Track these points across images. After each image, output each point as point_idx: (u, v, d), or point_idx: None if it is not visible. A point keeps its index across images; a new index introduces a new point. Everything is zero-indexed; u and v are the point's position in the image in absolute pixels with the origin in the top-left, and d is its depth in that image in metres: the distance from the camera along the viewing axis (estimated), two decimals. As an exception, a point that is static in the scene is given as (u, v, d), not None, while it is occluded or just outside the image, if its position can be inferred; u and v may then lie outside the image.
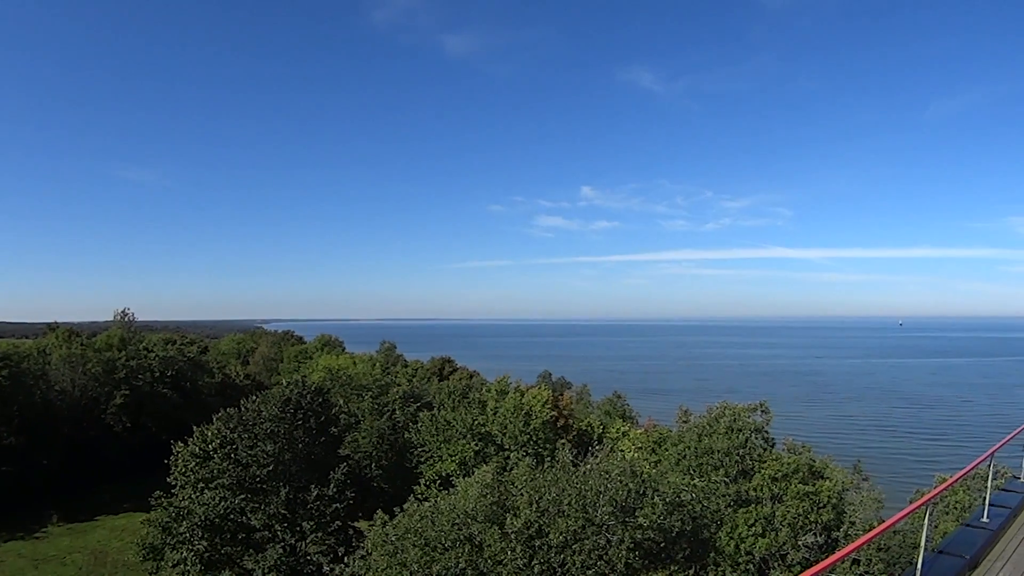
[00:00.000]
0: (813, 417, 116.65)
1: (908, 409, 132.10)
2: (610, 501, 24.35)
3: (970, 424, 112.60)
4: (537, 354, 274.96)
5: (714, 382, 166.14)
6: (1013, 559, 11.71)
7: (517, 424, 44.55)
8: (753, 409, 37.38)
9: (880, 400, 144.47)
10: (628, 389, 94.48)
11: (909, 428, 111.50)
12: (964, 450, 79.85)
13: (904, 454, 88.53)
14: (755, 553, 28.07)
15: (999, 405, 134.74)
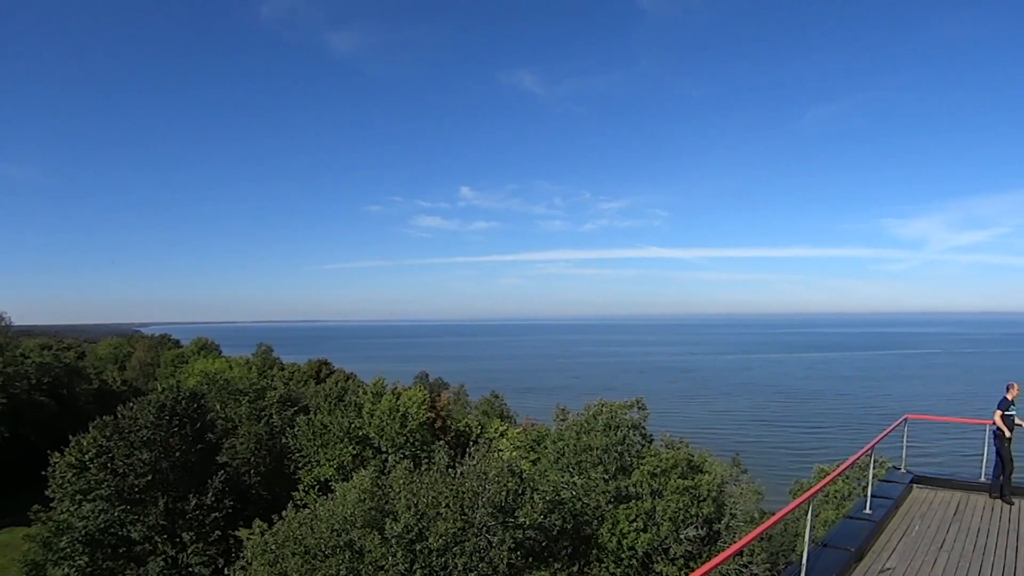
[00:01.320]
0: (690, 412, 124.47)
1: (785, 403, 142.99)
2: (488, 502, 25.73)
3: (846, 416, 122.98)
4: (414, 355, 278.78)
5: (591, 380, 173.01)
6: (899, 549, 13.14)
7: (394, 426, 45.72)
8: (630, 406, 39.35)
9: (757, 394, 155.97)
10: (505, 389, 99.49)
11: (786, 421, 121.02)
12: (841, 441, 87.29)
13: (782, 446, 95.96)
14: (637, 548, 29.81)
15: (873, 397, 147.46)
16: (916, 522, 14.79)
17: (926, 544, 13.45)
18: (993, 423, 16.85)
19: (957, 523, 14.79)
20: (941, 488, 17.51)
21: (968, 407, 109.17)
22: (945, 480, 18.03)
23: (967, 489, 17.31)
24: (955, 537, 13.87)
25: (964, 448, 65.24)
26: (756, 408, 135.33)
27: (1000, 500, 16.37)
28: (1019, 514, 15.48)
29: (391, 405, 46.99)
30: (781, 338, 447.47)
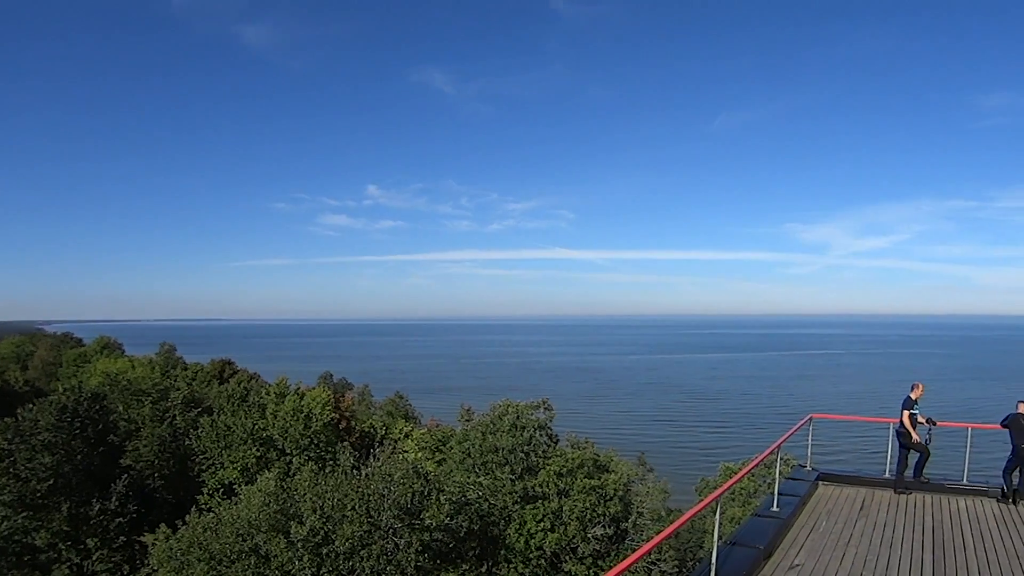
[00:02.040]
0: (596, 413, 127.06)
1: (690, 403, 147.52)
2: (395, 504, 26.08)
3: (751, 415, 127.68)
4: (318, 355, 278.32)
5: (497, 380, 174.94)
6: (807, 546, 13.74)
7: (298, 427, 45.64)
8: (536, 406, 39.97)
9: (662, 394, 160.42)
10: (410, 389, 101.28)
11: (691, 420, 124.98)
12: (746, 440, 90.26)
13: (688, 446, 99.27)
14: (546, 548, 30.56)
15: (778, 397, 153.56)
16: (823, 518, 15.51)
17: (833, 540, 14.08)
18: (899, 421, 17.94)
19: (863, 518, 15.58)
20: (846, 485, 18.46)
21: (870, 406, 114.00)
22: (850, 477, 19.02)
23: (872, 485, 18.32)
24: (862, 532, 14.59)
25: (868, 446, 68.05)
26: (661, 408, 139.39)
27: (904, 495, 17.38)
28: (923, 507, 16.47)
29: (295, 406, 46.90)
30: (686, 339, 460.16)
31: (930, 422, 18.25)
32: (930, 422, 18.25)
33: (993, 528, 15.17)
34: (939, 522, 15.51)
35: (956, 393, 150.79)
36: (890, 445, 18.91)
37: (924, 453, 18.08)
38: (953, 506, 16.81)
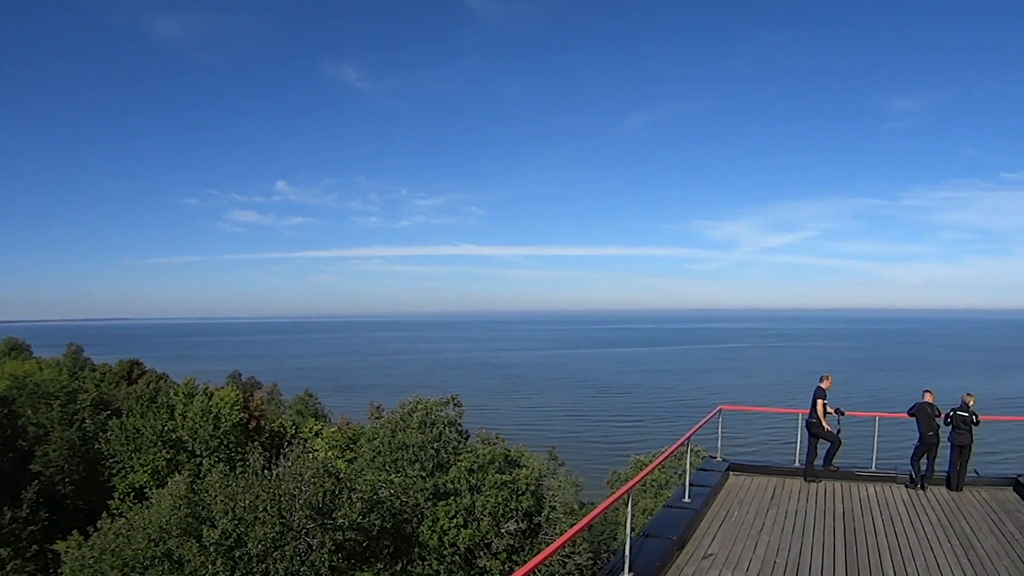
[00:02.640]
0: (506, 408, 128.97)
1: (600, 397, 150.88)
2: (306, 504, 26.14)
3: (661, 408, 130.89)
4: (227, 354, 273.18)
5: (406, 377, 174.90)
6: (719, 536, 14.22)
7: (207, 428, 45.27)
8: (445, 403, 40.42)
9: (572, 389, 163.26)
10: (320, 387, 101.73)
11: (602, 414, 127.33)
12: (657, 433, 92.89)
13: (599, 439, 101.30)
14: (459, 544, 30.81)
15: (688, 390, 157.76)
16: (735, 508, 16.16)
17: (746, 529, 14.67)
18: (809, 412, 18.82)
19: (775, 507, 16.34)
20: (757, 474, 19.27)
21: (779, 398, 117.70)
22: (761, 467, 19.90)
23: (782, 474, 19.19)
24: (773, 520, 15.26)
25: (778, 436, 70.31)
26: (572, 402, 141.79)
27: (814, 483, 18.33)
28: (833, 495, 17.39)
29: (203, 406, 46.41)
30: (596, 334, 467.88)
31: (838, 412, 19.11)
32: (838, 412, 19.11)
33: (903, 513, 16.07)
34: (849, 509, 16.30)
35: (863, 384, 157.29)
36: (799, 435, 19.70)
37: (835, 442, 18.85)
38: (863, 493, 17.70)
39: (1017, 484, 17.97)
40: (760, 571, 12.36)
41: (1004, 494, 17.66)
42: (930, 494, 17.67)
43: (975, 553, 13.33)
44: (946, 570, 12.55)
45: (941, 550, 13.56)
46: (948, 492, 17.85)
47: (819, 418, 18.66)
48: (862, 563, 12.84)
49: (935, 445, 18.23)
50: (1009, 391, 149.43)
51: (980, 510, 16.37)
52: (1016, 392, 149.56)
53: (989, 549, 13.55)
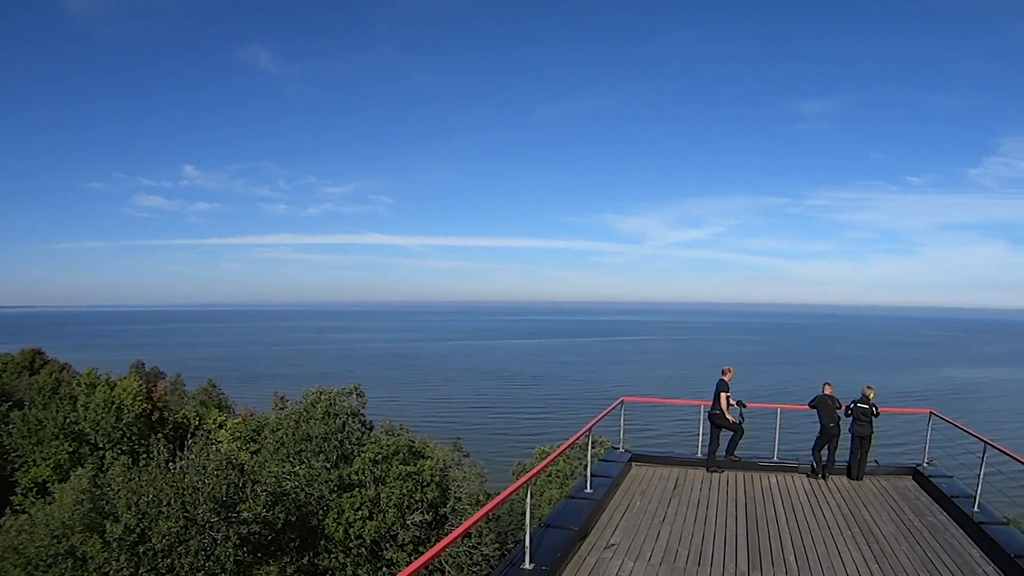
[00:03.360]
0: (412, 399, 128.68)
1: (506, 388, 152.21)
2: (210, 497, 26.28)
3: (567, 399, 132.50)
4: (130, 343, 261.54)
5: (311, 367, 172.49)
6: (621, 526, 14.50)
7: (109, 420, 44.13)
8: (348, 393, 40.66)
9: (478, 380, 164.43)
10: (224, 377, 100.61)
11: (508, 405, 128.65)
12: (562, 424, 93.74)
13: (504, 430, 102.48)
14: (365, 536, 31.21)
15: (594, 382, 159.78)
16: (637, 498, 16.55)
17: (648, 518, 15.03)
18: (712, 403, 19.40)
19: (677, 497, 16.79)
20: (660, 465, 19.70)
21: (684, 389, 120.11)
22: (663, 457, 20.34)
23: (685, 465, 19.64)
24: (675, 510, 15.68)
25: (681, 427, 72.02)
26: (478, 393, 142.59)
27: (716, 473, 18.99)
28: (735, 484, 18.05)
29: (106, 397, 45.08)
30: (503, 325, 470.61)
31: (740, 404, 19.53)
32: (740, 404, 19.53)
33: (804, 502, 16.75)
34: (751, 498, 16.92)
35: (767, 377, 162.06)
36: (701, 426, 19.92)
37: (737, 433, 19.49)
38: (765, 482, 18.35)
39: (916, 473, 18.77)
40: (662, 560, 12.70)
41: (904, 483, 18.48)
42: (831, 483, 18.41)
43: (875, 539, 14.04)
44: (846, 556, 13.14)
45: (842, 537, 14.19)
46: (849, 481, 18.60)
47: (722, 410, 19.18)
48: (764, 551, 13.36)
49: (836, 436, 18.91)
50: (909, 385, 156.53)
51: (880, 498, 17.14)
52: (915, 385, 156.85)
53: (888, 535, 14.29)
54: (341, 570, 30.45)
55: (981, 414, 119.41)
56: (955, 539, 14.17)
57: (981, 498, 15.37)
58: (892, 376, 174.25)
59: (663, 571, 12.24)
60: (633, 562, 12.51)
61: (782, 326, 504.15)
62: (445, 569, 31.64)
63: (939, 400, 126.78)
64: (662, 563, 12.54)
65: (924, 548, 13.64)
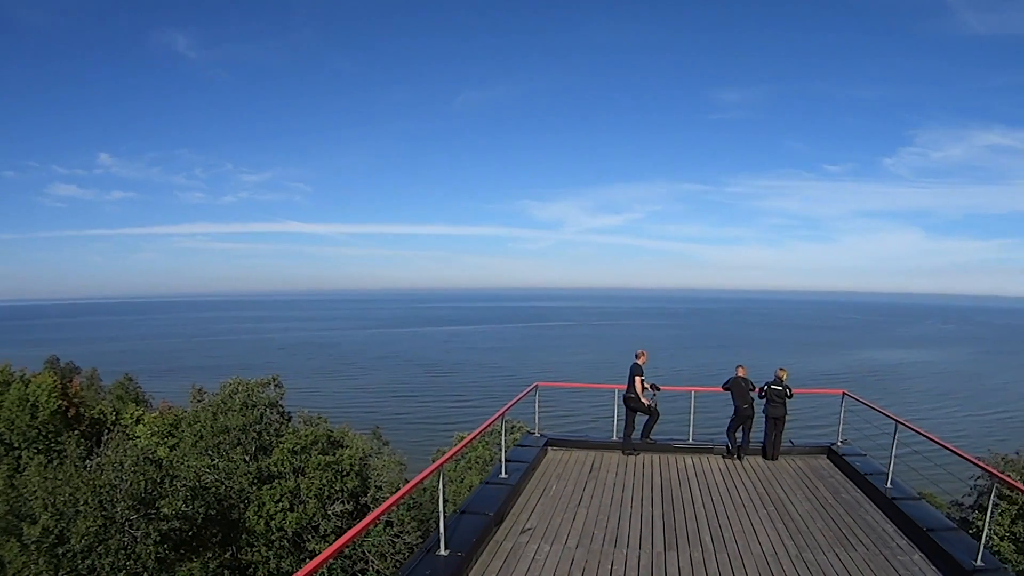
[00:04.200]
0: (330, 388, 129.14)
1: (425, 375, 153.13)
2: (128, 494, 26.06)
3: (486, 386, 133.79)
4: (44, 337, 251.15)
5: (229, 358, 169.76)
6: (538, 510, 14.58)
7: (24, 418, 43.13)
8: (266, 384, 40.57)
9: (397, 368, 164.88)
10: (141, 371, 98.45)
11: (427, 393, 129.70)
12: (481, 410, 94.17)
13: (424, 418, 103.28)
14: (287, 528, 31.23)
15: (512, 367, 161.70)
16: (553, 482, 16.67)
17: (564, 502, 15.15)
18: (626, 387, 19.45)
19: (593, 480, 16.94)
20: (575, 449, 19.81)
21: (603, 374, 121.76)
22: (579, 441, 20.51)
23: (600, 448, 19.77)
24: (591, 493, 15.84)
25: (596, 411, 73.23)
26: (396, 382, 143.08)
27: (632, 456, 19.24)
28: (651, 467, 18.35)
29: (20, 394, 43.97)
30: (422, 312, 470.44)
31: (654, 387, 19.51)
32: (654, 387, 19.51)
33: (719, 482, 17.06)
34: (667, 480, 17.13)
35: (683, 361, 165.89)
36: (616, 410, 20.19)
37: (652, 416, 19.51)
38: (680, 464, 18.56)
39: (830, 452, 19.27)
40: (579, 543, 12.82)
41: (818, 462, 18.99)
42: (746, 463, 18.76)
43: (790, 517, 14.43)
44: (762, 534, 13.47)
45: (757, 516, 14.53)
46: (764, 461, 19.03)
47: (637, 393, 19.20)
48: (680, 531, 13.58)
49: (750, 417, 19.23)
50: (825, 366, 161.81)
51: (795, 477, 17.61)
52: (831, 367, 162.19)
53: (804, 513, 14.71)
54: (264, 563, 30.36)
55: (895, 394, 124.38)
56: (869, 515, 14.65)
57: (894, 475, 15.91)
58: (808, 358, 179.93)
59: (579, 554, 12.39)
60: (549, 545, 12.69)
61: (700, 311, 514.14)
62: (368, 559, 32.04)
63: (854, 381, 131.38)
64: (578, 546, 12.72)
65: (839, 524, 14.07)
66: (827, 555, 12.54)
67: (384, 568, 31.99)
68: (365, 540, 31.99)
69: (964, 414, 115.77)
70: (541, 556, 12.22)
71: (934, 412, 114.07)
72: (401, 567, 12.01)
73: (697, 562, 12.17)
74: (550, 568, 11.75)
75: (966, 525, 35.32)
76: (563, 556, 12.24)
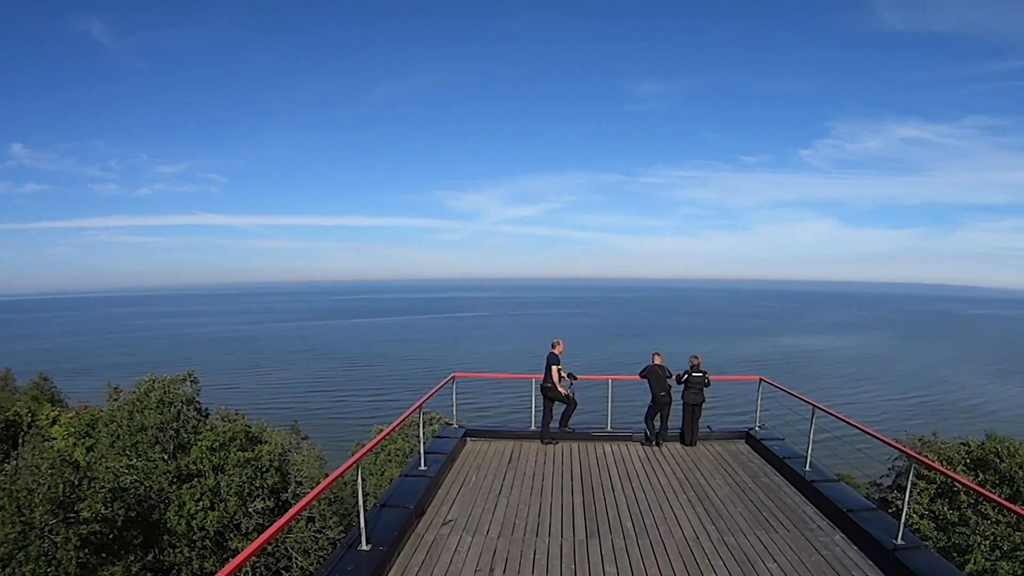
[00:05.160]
0: (249, 384, 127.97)
1: (343, 368, 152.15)
2: (47, 498, 25.68)
3: (405, 378, 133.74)
4: None
5: (146, 355, 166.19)
6: (458, 502, 14.68)
7: None
8: (182, 380, 40.09)
9: (315, 361, 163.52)
10: (56, 370, 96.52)
11: (346, 386, 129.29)
12: (401, 402, 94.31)
13: (343, 411, 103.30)
14: (208, 528, 31.02)
15: (431, 359, 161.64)
16: (472, 473, 16.82)
17: (484, 492, 15.30)
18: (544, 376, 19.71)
19: (512, 470, 17.12)
20: (494, 439, 20.04)
21: (521, 363, 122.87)
22: (497, 431, 20.63)
23: (519, 438, 20.04)
24: (511, 483, 16.01)
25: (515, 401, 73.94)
26: (315, 375, 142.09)
27: (551, 445, 19.56)
28: (570, 455, 18.65)
29: None
30: (340, 304, 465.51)
31: (571, 376, 19.66)
32: (571, 376, 19.66)
33: (639, 468, 17.35)
34: (587, 468, 17.38)
35: (601, 350, 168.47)
36: (534, 399, 20.29)
37: (570, 405, 19.69)
38: (599, 452, 18.87)
39: (748, 437, 19.79)
40: (500, 533, 12.94)
41: (736, 447, 19.49)
42: (665, 450, 19.07)
43: (710, 502, 14.76)
44: (683, 519, 13.75)
45: (678, 501, 14.83)
46: (683, 447, 19.37)
47: (554, 382, 19.40)
48: (601, 518, 13.78)
49: (667, 404, 19.42)
50: (742, 353, 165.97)
51: (714, 462, 17.96)
52: (748, 354, 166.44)
53: (724, 497, 15.05)
54: (187, 564, 30.16)
55: (812, 380, 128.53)
56: (789, 497, 15.12)
57: (812, 458, 16.42)
58: (725, 345, 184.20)
59: (501, 544, 12.49)
60: (471, 537, 12.77)
61: (617, 300, 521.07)
62: (292, 555, 32.20)
63: (772, 368, 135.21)
64: (500, 536, 12.84)
65: (759, 507, 14.47)
66: (748, 538, 12.88)
67: (307, 565, 32.09)
68: (288, 537, 32.08)
69: (882, 398, 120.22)
70: (463, 548, 12.33)
71: (852, 396, 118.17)
72: (323, 563, 11.98)
73: (619, 548, 12.38)
74: (472, 559, 11.85)
75: (886, 505, 36.78)
76: (485, 547, 12.37)
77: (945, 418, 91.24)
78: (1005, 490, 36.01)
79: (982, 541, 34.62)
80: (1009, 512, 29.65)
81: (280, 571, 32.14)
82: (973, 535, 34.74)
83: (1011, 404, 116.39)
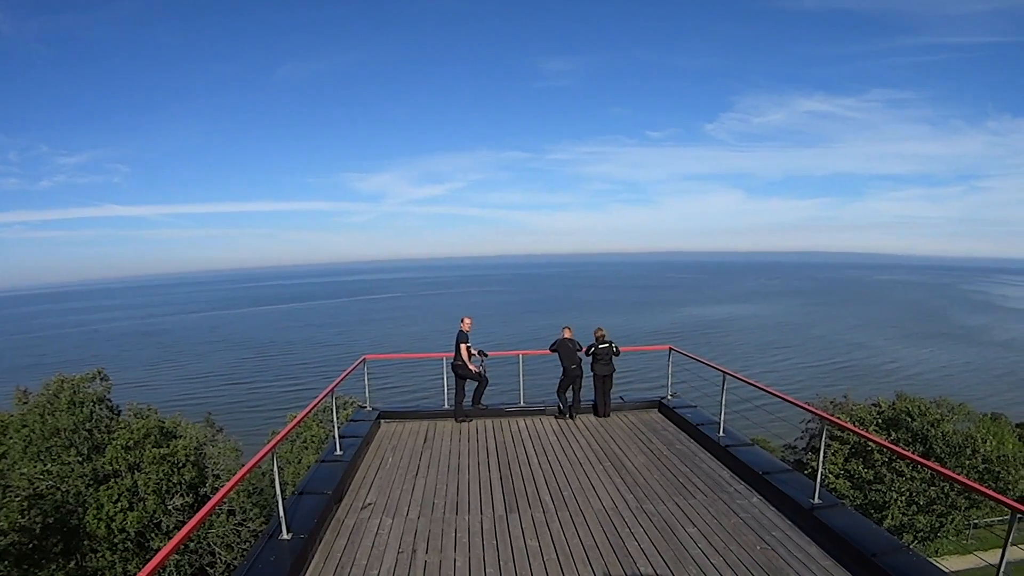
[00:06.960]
0: (161, 378, 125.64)
1: (256, 357, 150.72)
2: (-40, 511, 25.22)
3: (317, 363, 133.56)
4: None
5: (54, 354, 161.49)
6: (376, 484, 14.60)
7: None
8: (92, 378, 39.10)
9: (227, 351, 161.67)
10: None
11: (259, 374, 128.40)
12: (315, 388, 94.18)
13: (257, 400, 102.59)
14: (129, 529, 30.69)
15: (343, 343, 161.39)
16: (388, 455, 16.70)
17: (401, 474, 15.24)
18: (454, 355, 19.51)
19: (428, 450, 17.01)
20: (408, 420, 19.99)
21: (432, 343, 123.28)
22: (411, 412, 20.44)
23: (433, 418, 19.97)
24: (428, 463, 15.93)
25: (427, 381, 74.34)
26: (227, 365, 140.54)
27: (465, 423, 19.62)
28: (485, 432, 18.73)
29: None
30: (248, 292, 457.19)
31: (481, 353, 19.53)
32: (481, 353, 19.53)
33: (553, 442, 17.41)
34: (502, 443, 17.42)
35: (511, 326, 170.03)
36: (446, 378, 20.18)
37: (482, 382, 19.67)
38: (514, 427, 18.92)
39: (661, 405, 19.95)
40: (420, 513, 12.91)
41: (650, 415, 19.63)
42: (579, 422, 19.17)
43: (627, 471, 14.89)
44: (600, 489, 13.89)
45: (594, 471, 14.95)
46: (596, 419, 19.47)
47: (464, 360, 19.25)
48: (520, 493, 13.84)
49: (578, 377, 19.36)
50: (652, 324, 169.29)
51: (628, 432, 18.06)
52: (658, 325, 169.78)
53: (640, 466, 15.22)
54: (110, 568, 29.80)
55: (725, 347, 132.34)
56: (705, 463, 15.35)
57: (726, 424, 16.60)
58: (636, 317, 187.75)
59: (421, 524, 12.44)
60: (392, 519, 12.71)
61: (526, 276, 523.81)
62: (215, 551, 32.18)
63: (684, 337, 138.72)
64: (420, 516, 12.80)
65: (675, 474, 14.67)
66: (667, 504, 13.07)
67: (231, 559, 32.05)
68: (209, 532, 32.03)
69: (796, 364, 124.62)
70: (384, 530, 12.27)
71: (768, 363, 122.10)
72: (246, 556, 11.86)
73: (540, 522, 12.45)
74: (394, 541, 11.81)
75: (801, 467, 38.43)
76: (406, 528, 12.34)
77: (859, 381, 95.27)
78: (918, 447, 37.93)
79: (898, 497, 36.50)
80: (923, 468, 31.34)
81: (204, 567, 32.09)
82: (889, 492, 36.60)
83: (921, 366, 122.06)
